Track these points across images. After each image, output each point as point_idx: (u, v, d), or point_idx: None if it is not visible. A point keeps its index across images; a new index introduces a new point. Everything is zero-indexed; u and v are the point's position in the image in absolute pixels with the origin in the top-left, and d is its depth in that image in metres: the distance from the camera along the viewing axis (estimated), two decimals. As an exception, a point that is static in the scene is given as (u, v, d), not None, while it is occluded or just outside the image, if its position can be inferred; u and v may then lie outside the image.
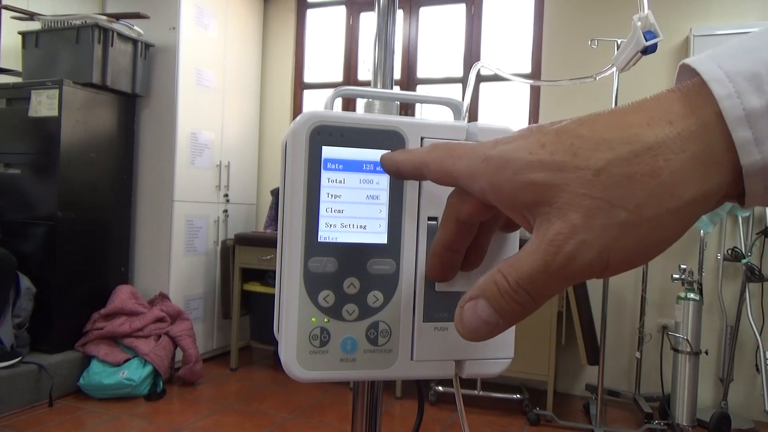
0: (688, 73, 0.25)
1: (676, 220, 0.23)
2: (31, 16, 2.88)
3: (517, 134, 0.27)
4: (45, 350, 2.66)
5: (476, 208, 0.31)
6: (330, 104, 0.43)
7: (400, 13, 3.47)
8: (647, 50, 0.57)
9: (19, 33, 2.91)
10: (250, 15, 3.60)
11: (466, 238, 0.33)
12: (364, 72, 3.62)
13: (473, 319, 0.27)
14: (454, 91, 3.44)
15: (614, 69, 0.61)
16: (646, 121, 0.24)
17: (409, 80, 3.49)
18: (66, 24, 2.83)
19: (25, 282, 2.58)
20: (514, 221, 0.28)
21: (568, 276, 0.24)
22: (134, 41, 2.95)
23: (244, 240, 3.13)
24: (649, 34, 0.57)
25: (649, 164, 0.23)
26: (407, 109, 2.95)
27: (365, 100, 0.48)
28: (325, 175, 0.37)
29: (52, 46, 2.84)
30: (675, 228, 0.24)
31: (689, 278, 2.47)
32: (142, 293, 2.99)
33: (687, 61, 0.25)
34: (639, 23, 0.57)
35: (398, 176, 0.36)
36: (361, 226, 0.38)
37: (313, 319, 0.38)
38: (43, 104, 2.70)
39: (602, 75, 0.61)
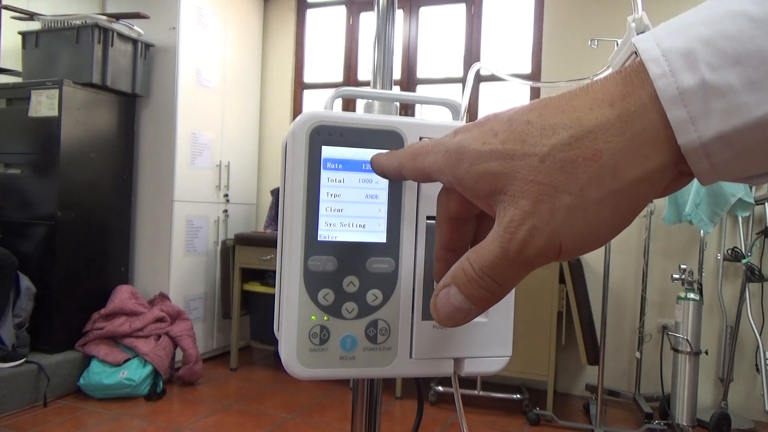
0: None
1: (622, 202, 0.24)
2: (31, 16, 2.88)
3: (474, 123, 0.28)
4: (45, 350, 2.66)
5: (461, 203, 0.31)
6: (330, 104, 0.43)
7: (400, 13, 3.47)
8: None
9: (19, 33, 2.91)
10: (250, 15, 3.61)
11: (464, 236, 0.33)
12: (365, 72, 3.63)
13: (446, 305, 0.28)
14: (454, 91, 3.44)
15: (610, 70, 0.62)
16: (589, 104, 0.24)
17: (409, 80, 3.49)
18: (66, 24, 2.83)
19: (25, 282, 2.59)
20: None
21: (526, 261, 0.25)
22: (134, 41, 2.95)
23: (244, 240, 3.13)
24: None
25: (589, 147, 0.24)
26: (407, 109, 2.95)
27: (365, 100, 0.49)
28: (324, 175, 0.38)
29: (52, 46, 2.85)
30: (622, 209, 0.24)
31: (689, 278, 2.47)
32: (142, 293, 2.99)
33: (634, 39, 0.25)
34: (633, 24, 0.57)
35: (386, 178, 0.37)
36: (360, 225, 0.38)
37: (312, 317, 0.38)
38: (43, 104, 2.70)
39: (599, 77, 0.62)
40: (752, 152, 0.22)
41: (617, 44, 0.64)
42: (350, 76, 3.64)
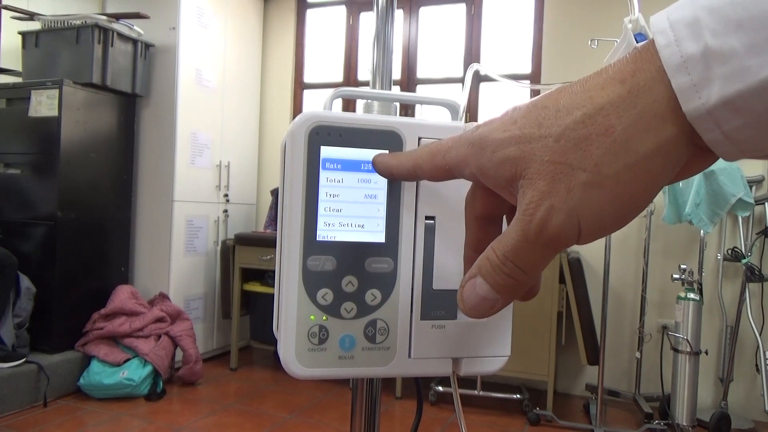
0: None
1: (637, 176, 0.24)
2: (31, 16, 2.88)
3: (497, 116, 0.29)
4: (45, 350, 2.66)
5: (487, 200, 0.32)
6: (329, 105, 0.43)
7: (399, 13, 3.47)
8: None
9: (19, 33, 2.91)
10: (250, 15, 3.61)
11: (492, 236, 0.33)
12: (365, 72, 3.62)
13: (472, 296, 0.28)
14: (454, 92, 3.44)
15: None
16: (601, 84, 0.25)
17: (409, 80, 3.49)
18: (66, 24, 2.83)
19: (25, 282, 2.59)
20: None
21: (547, 243, 0.25)
22: (134, 41, 2.95)
23: (244, 240, 3.13)
24: (640, 36, 0.57)
25: (602, 124, 0.24)
26: (407, 109, 2.95)
27: (365, 100, 0.49)
28: (323, 175, 0.38)
29: (52, 46, 2.85)
30: (638, 184, 0.24)
31: (689, 278, 2.47)
32: (142, 293, 2.99)
33: (651, 17, 0.25)
34: (630, 26, 0.57)
35: (391, 179, 0.37)
36: (359, 225, 0.38)
37: (311, 317, 0.38)
38: (43, 104, 2.70)
39: None
40: (766, 122, 0.21)
41: (617, 44, 0.64)
42: (350, 76, 3.64)
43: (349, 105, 3.04)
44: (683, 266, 2.49)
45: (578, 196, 0.24)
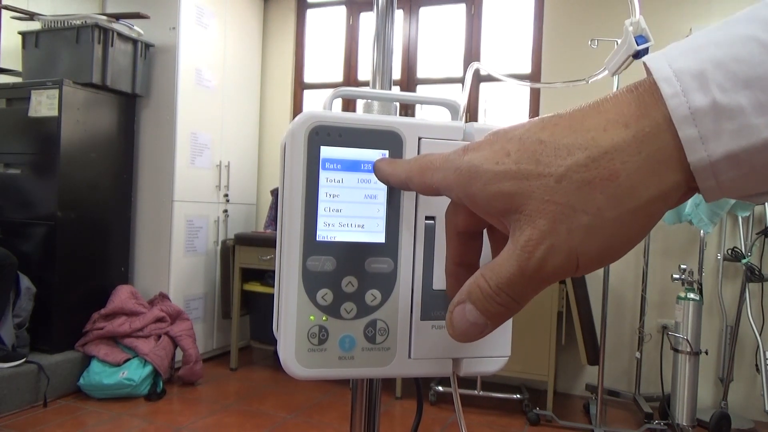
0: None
1: (638, 219, 0.24)
2: (31, 16, 2.88)
3: (484, 141, 0.28)
4: (45, 350, 2.66)
5: (469, 218, 0.32)
6: (329, 105, 0.43)
7: (399, 14, 3.47)
8: (639, 54, 0.58)
9: (19, 33, 2.91)
10: (250, 15, 3.61)
11: (473, 250, 0.34)
12: (365, 72, 3.62)
13: (462, 322, 0.28)
14: (454, 92, 3.44)
15: (606, 72, 0.62)
16: (603, 124, 0.25)
17: (409, 80, 3.49)
18: (66, 24, 2.83)
19: (25, 282, 2.59)
20: None
21: (543, 279, 0.26)
22: (134, 41, 2.95)
23: (244, 240, 3.13)
24: (640, 38, 0.57)
25: (606, 168, 0.24)
26: (407, 109, 2.95)
27: (365, 100, 0.49)
28: (323, 175, 0.38)
29: (52, 46, 2.85)
30: (638, 226, 0.25)
31: (689, 278, 2.47)
32: (142, 293, 2.99)
33: (645, 58, 0.25)
34: (630, 28, 0.57)
35: (388, 185, 0.37)
36: (359, 225, 0.38)
37: (311, 317, 0.38)
38: (43, 104, 2.70)
39: (594, 78, 0.62)
40: (758, 172, 0.23)
41: (617, 44, 0.64)
42: (350, 76, 3.64)
43: (349, 105, 3.04)
44: (683, 266, 2.49)
45: (579, 237, 0.24)
